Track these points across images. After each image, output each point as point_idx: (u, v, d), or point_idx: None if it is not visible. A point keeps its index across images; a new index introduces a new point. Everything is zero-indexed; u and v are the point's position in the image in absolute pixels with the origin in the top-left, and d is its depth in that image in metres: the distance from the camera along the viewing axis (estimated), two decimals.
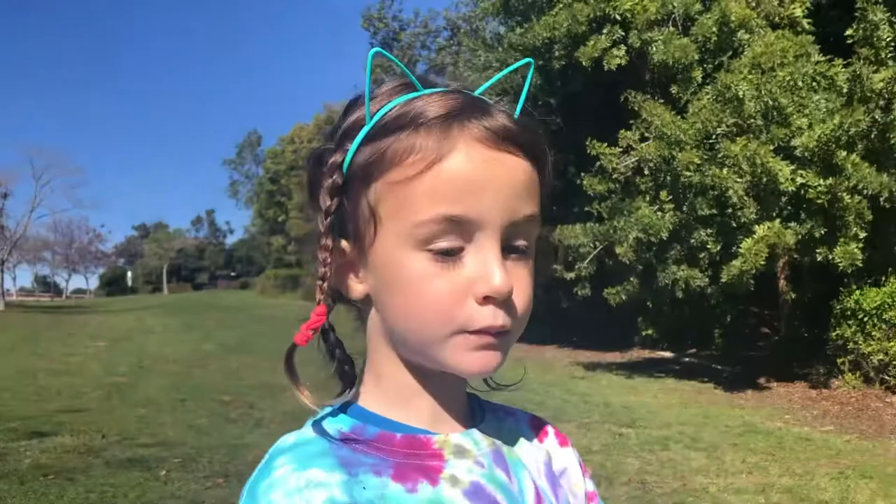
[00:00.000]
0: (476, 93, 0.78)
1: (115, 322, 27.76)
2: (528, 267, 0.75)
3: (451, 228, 0.70)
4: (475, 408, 0.84)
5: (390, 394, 0.78)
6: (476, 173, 0.71)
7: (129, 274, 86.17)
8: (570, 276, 12.56)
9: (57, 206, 65.41)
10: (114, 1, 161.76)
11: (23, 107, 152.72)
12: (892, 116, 9.47)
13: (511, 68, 0.87)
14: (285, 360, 0.75)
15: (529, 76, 0.82)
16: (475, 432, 0.79)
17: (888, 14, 9.85)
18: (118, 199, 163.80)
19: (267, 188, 53.19)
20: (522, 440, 0.84)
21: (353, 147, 0.74)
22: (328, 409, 0.77)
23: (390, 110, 0.73)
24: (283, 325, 16.11)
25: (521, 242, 0.74)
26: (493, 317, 0.71)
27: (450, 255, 0.71)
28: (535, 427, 0.88)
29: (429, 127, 0.71)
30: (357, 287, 0.78)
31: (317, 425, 0.75)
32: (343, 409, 0.78)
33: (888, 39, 9.91)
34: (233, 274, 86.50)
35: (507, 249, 0.73)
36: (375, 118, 0.73)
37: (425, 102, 0.73)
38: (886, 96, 9.47)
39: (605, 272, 13.41)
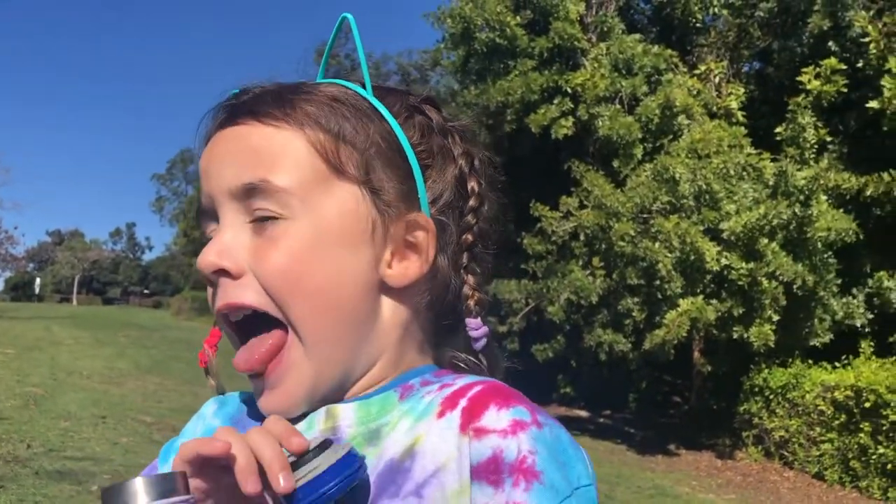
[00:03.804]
0: (321, 68, 0.81)
1: (22, 330, 26.66)
2: (283, 233, 0.67)
3: (205, 220, 0.72)
4: (399, 379, 0.71)
5: None
6: (203, 158, 0.71)
7: (38, 281, 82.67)
8: (503, 329, 12.94)
9: None
10: (56, 4, 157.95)
11: None
12: (810, 212, 10.26)
13: (333, 33, 0.82)
14: (206, 375, 0.82)
15: (356, 31, 0.79)
16: (318, 414, 0.68)
17: (814, 119, 10.75)
18: (36, 201, 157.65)
19: (196, 208, 52.34)
20: (408, 422, 0.64)
21: None
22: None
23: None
24: (200, 350, 15.75)
25: (260, 211, 0.67)
26: (218, 298, 0.68)
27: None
28: (447, 401, 0.64)
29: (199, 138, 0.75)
30: None
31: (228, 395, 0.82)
32: None
33: (812, 141, 10.79)
34: (146, 291, 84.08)
35: (254, 221, 0.68)
36: None
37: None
38: (807, 193, 10.26)
39: (532, 328, 13.85)
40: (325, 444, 0.60)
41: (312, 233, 0.67)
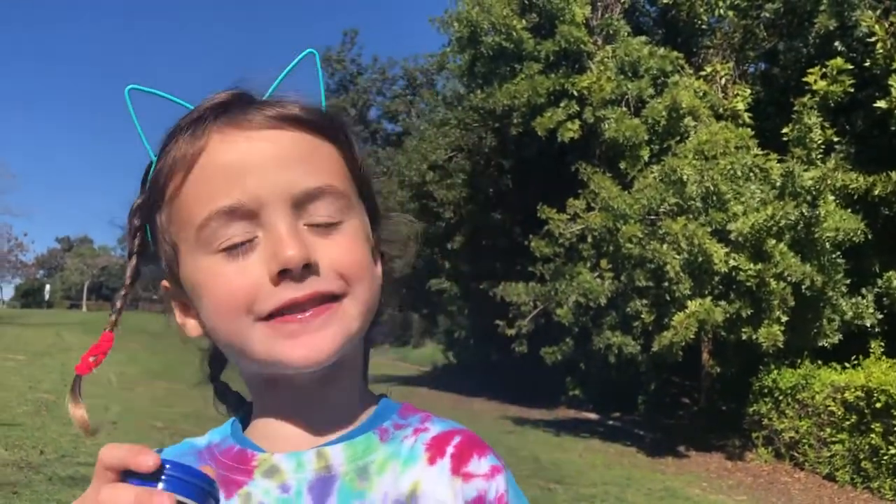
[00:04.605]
0: (267, 94, 0.77)
1: (33, 336, 26.81)
2: (347, 230, 0.73)
3: (229, 222, 0.70)
4: (369, 420, 0.78)
5: (255, 412, 0.79)
6: (234, 159, 0.70)
7: (48, 287, 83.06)
8: (511, 332, 12.96)
9: None
10: (65, 8, 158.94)
11: None
12: (817, 212, 10.25)
13: (293, 63, 0.79)
14: (71, 389, 0.78)
15: (319, 66, 0.80)
16: (307, 454, 0.73)
17: (821, 119, 10.74)
18: (45, 208, 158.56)
19: None
20: (395, 463, 0.74)
21: (143, 188, 0.77)
22: (230, 420, 0.82)
23: (162, 142, 0.76)
24: None
25: (321, 218, 0.72)
26: (294, 290, 0.69)
27: (238, 248, 0.70)
28: (433, 448, 0.75)
29: (180, 135, 0.73)
30: (188, 323, 0.78)
31: (207, 433, 0.81)
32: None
33: (819, 142, 10.77)
34: (155, 297, 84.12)
35: (310, 226, 0.71)
36: (157, 157, 0.76)
37: (181, 120, 0.75)
38: (814, 193, 10.26)
39: (540, 331, 13.88)
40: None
41: (360, 229, 0.75)
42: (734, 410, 12.61)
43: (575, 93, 12.71)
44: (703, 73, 13.10)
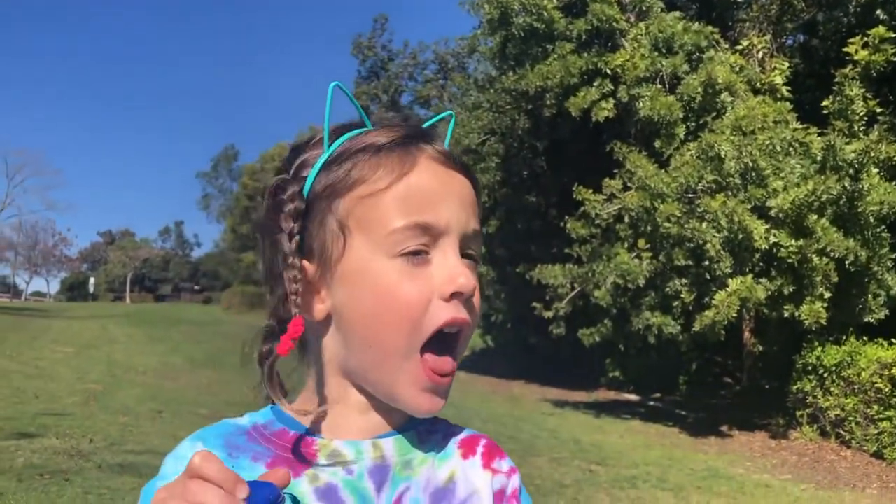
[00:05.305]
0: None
1: (79, 329, 27.45)
2: (476, 276, 0.84)
3: (420, 235, 0.78)
4: (409, 423, 0.85)
5: (319, 401, 0.83)
6: (437, 186, 0.80)
7: (92, 280, 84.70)
8: (548, 314, 12.92)
9: (29, 207, 64.32)
10: (101, 5, 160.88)
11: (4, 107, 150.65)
12: (860, 185, 10.04)
13: (436, 119, 0.90)
14: (268, 371, 0.81)
15: (451, 125, 0.90)
16: (365, 444, 0.82)
17: (863, 90, 10.47)
18: (87, 203, 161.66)
19: (243, 204, 52.96)
20: (432, 458, 0.85)
21: (311, 175, 0.81)
22: (269, 406, 0.86)
23: (343, 142, 0.81)
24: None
25: (471, 251, 0.83)
26: (456, 310, 0.79)
27: (418, 257, 0.78)
28: (464, 446, 0.87)
29: (390, 149, 0.80)
30: (320, 307, 0.81)
31: (245, 416, 0.85)
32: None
33: (861, 113, 10.52)
34: (196, 287, 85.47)
35: (463, 256, 0.81)
36: (331, 149, 0.81)
37: (376, 134, 0.81)
38: (856, 166, 10.04)
39: (577, 313, 13.81)
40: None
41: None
42: (777, 389, 12.45)
43: (608, 71, 12.56)
44: (739, 47, 12.85)
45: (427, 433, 0.86)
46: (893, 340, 10.48)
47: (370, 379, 0.81)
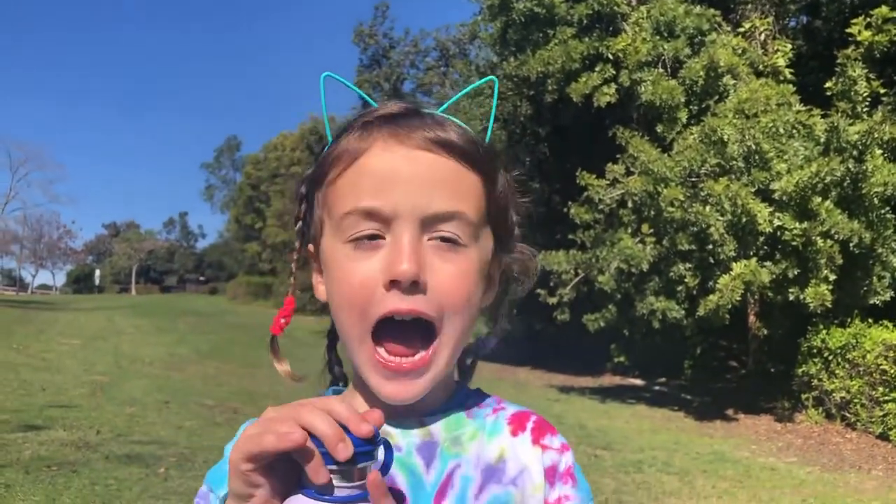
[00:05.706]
0: (440, 110, 0.85)
1: (86, 321, 27.53)
2: (464, 259, 0.80)
3: (365, 220, 0.78)
4: (455, 401, 0.89)
5: (358, 387, 0.88)
6: (389, 168, 0.78)
7: (98, 272, 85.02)
8: (552, 300, 12.92)
9: (33, 201, 64.46)
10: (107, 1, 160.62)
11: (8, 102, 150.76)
12: (864, 167, 9.98)
13: (473, 86, 0.92)
14: (270, 343, 0.88)
15: (496, 95, 0.90)
16: (410, 421, 0.85)
17: (866, 71, 10.41)
18: (90, 195, 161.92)
19: (247, 194, 52.95)
20: (482, 434, 0.87)
21: (315, 163, 0.86)
22: (328, 390, 0.92)
23: (337, 132, 0.84)
24: (258, 333, 16.29)
25: (447, 233, 0.79)
26: (399, 301, 0.76)
27: (369, 242, 0.78)
28: (514, 422, 0.88)
29: (353, 130, 0.82)
30: (319, 287, 0.87)
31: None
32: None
33: (865, 94, 10.45)
34: (202, 278, 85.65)
35: (436, 239, 0.79)
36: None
37: (355, 120, 0.83)
38: (860, 148, 9.98)
39: (582, 299, 13.80)
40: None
41: (477, 262, 0.82)
42: (783, 372, 12.44)
43: (610, 56, 12.50)
44: (741, 29, 12.76)
45: (476, 409, 0.89)
46: None
47: (353, 364, 0.83)
